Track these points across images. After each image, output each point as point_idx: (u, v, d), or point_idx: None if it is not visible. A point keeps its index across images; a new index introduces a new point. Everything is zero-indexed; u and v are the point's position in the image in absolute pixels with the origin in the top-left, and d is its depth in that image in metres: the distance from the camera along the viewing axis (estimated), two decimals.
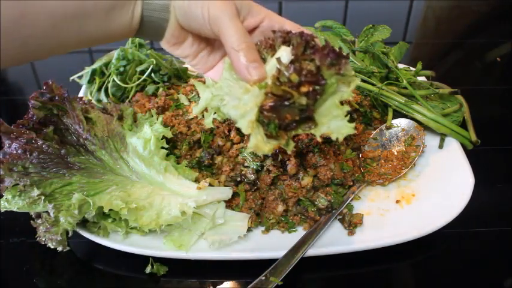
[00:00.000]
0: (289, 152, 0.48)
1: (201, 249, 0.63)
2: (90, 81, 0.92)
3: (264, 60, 0.49)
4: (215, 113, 0.54)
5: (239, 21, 0.51)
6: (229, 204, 0.67)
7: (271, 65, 0.47)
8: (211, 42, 0.60)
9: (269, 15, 0.56)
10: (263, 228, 0.67)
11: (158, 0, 0.54)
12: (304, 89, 0.43)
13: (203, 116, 0.79)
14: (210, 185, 0.66)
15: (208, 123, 0.52)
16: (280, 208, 0.67)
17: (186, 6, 0.53)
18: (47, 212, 0.61)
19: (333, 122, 0.46)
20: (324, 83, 0.43)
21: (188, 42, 0.58)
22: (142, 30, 0.55)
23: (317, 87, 0.43)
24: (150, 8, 0.54)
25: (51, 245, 0.62)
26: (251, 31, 0.56)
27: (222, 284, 0.63)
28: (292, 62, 0.45)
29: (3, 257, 0.68)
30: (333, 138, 0.45)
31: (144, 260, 0.64)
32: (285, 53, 0.46)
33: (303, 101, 0.43)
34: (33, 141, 0.62)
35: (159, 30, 0.56)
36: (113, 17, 0.52)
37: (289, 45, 0.47)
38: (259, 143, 0.44)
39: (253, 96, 0.44)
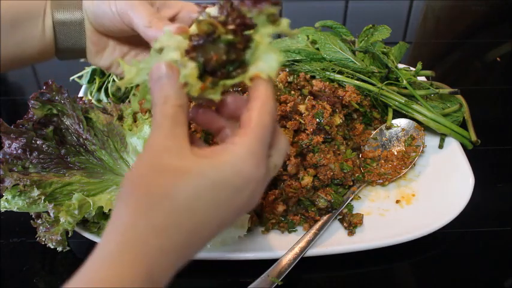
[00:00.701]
0: (216, 100, 0.41)
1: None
2: (90, 81, 0.92)
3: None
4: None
5: (148, 5, 0.49)
6: None
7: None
8: (134, 44, 0.57)
9: (187, 6, 0.53)
10: (263, 228, 0.67)
11: (70, 8, 0.51)
12: (230, 26, 0.41)
13: (129, 101, 0.78)
14: None
15: (135, 107, 0.47)
16: (280, 208, 0.67)
17: (95, 5, 0.51)
18: (47, 212, 0.61)
19: (261, 61, 0.41)
20: (251, 21, 0.41)
21: (110, 48, 0.56)
22: (60, 43, 0.53)
23: (243, 23, 0.41)
24: (61, 17, 0.52)
25: (51, 245, 0.62)
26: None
27: (222, 284, 0.63)
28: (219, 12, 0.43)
29: (3, 257, 0.68)
30: (264, 77, 0.40)
31: None
32: (212, 10, 0.43)
33: (230, 36, 0.41)
34: (33, 141, 0.62)
35: (78, 40, 0.53)
36: (21, 31, 0.49)
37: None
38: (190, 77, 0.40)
39: (176, 42, 0.41)
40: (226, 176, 0.36)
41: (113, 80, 0.88)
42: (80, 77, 0.93)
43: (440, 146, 0.79)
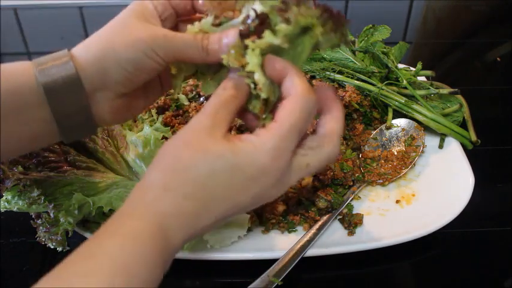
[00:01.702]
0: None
1: (201, 249, 0.63)
2: None
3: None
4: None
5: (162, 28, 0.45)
6: None
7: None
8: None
9: None
10: (263, 228, 0.67)
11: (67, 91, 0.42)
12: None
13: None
14: None
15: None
16: (280, 208, 0.67)
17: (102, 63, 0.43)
18: (47, 212, 0.61)
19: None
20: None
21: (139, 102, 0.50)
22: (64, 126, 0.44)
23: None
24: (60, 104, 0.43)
25: (51, 245, 0.62)
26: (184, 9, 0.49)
27: (222, 284, 0.63)
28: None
29: (3, 257, 0.68)
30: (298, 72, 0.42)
31: None
32: (257, 4, 0.42)
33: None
34: None
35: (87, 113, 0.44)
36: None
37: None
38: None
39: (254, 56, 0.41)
40: (241, 163, 0.39)
41: None
42: None
43: (440, 146, 0.79)
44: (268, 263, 0.60)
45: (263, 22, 0.41)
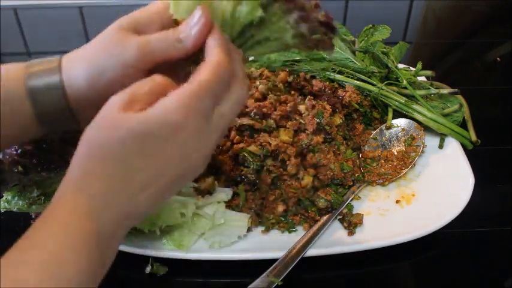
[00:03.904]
0: None
1: (201, 249, 0.63)
2: None
3: None
4: None
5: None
6: (229, 204, 0.67)
7: None
8: None
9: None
10: (263, 228, 0.67)
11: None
12: None
13: None
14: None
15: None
16: (280, 208, 0.67)
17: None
18: None
19: None
20: None
21: None
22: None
23: None
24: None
25: None
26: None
27: (222, 284, 0.63)
28: None
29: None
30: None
31: (144, 260, 0.64)
32: None
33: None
34: (34, 141, 0.62)
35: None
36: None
37: None
38: None
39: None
40: (150, 128, 0.38)
41: None
42: None
43: (440, 146, 0.79)
44: (268, 263, 0.60)
45: None
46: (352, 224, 0.66)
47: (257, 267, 0.59)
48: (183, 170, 0.42)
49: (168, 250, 0.62)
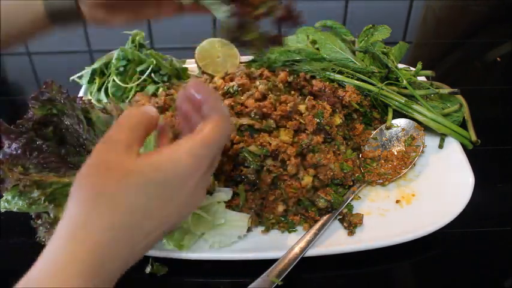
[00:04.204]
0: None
1: (201, 249, 0.63)
2: (90, 81, 0.92)
3: None
4: None
5: None
6: (229, 204, 0.67)
7: None
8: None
9: None
10: (263, 228, 0.67)
11: None
12: None
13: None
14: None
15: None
16: (280, 208, 0.67)
17: None
18: (47, 213, 0.61)
19: None
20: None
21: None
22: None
23: None
24: None
25: None
26: None
27: (222, 284, 0.63)
28: None
29: (3, 257, 0.68)
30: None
31: (144, 260, 0.64)
32: None
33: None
34: (33, 141, 0.62)
35: None
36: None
37: None
38: None
39: None
40: (166, 176, 0.39)
41: (113, 80, 0.88)
42: (80, 77, 0.93)
43: (440, 146, 0.79)
44: (268, 263, 0.60)
45: None
46: (352, 224, 0.66)
47: (257, 267, 0.59)
48: (182, 217, 0.43)
49: (168, 250, 0.62)
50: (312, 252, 0.63)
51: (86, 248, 0.36)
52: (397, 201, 0.71)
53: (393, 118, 0.82)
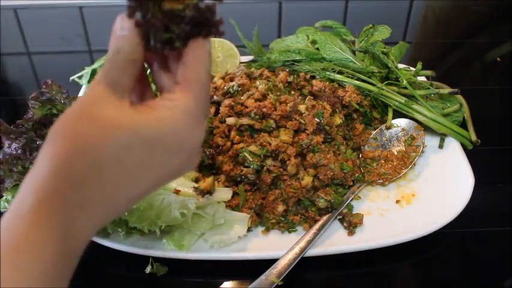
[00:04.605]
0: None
1: (201, 249, 0.63)
2: (90, 81, 0.92)
3: None
4: None
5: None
6: (229, 204, 0.67)
7: None
8: None
9: None
10: (263, 228, 0.67)
11: None
12: None
13: None
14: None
15: None
16: (280, 208, 0.67)
17: None
18: None
19: None
20: None
21: None
22: None
23: None
24: None
25: None
26: None
27: (222, 284, 0.63)
28: None
29: None
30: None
31: (144, 260, 0.64)
32: None
33: None
34: (33, 141, 0.62)
35: None
36: None
37: None
38: None
39: None
40: (161, 136, 0.34)
41: None
42: (80, 77, 0.93)
43: (440, 146, 0.79)
44: (268, 263, 0.60)
45: None
46: (352, 224, 0.66)
47: (257, 267, 0.59)
48: (175, 176, 0.39)
49: (168, 250, 0.62)
50: (312, 252, 0.63)
51: (50, 211, 0.31)
52: (397, 201, 0.71)
53: (393, 118, 0.82)
